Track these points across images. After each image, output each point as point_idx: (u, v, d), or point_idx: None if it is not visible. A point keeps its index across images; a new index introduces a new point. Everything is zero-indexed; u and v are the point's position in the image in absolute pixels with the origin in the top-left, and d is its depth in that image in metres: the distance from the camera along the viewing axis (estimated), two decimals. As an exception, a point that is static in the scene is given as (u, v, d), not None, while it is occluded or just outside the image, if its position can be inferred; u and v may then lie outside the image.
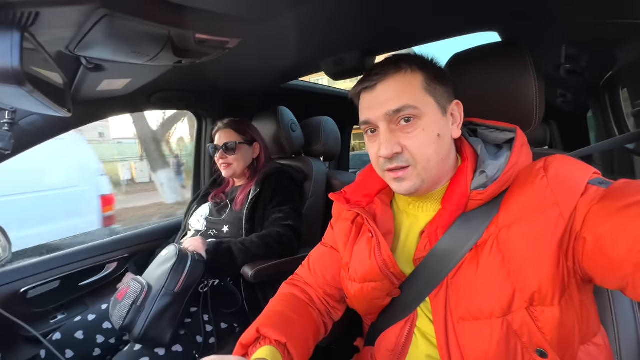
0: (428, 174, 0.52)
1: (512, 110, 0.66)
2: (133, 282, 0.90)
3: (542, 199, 0.45)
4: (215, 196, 1.30)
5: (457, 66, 0.74)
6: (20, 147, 0.97)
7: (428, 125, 0.50)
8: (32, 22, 0.40)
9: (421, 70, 0.52)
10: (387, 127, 0.51)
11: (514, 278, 0.45)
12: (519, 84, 0.66)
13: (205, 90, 1.33)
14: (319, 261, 0.71)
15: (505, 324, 0.46)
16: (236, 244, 1.05)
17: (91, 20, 0.46)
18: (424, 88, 0.51)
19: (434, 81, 0.52)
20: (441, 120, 0.52)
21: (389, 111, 0.50)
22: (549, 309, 0.44)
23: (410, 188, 0.53)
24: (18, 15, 0.36)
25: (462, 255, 0.50)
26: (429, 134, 0.50)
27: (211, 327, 0.98)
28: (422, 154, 0.51)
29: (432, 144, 0.51)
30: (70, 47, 0.55)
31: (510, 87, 0.67)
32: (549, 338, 0.44)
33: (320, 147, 1.48)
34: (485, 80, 0.69)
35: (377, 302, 0.58)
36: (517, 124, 0.66)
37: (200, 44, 0.57)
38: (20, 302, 1.05)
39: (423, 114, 0.50)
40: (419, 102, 0.50)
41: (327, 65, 1.10)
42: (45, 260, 1.14)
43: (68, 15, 0.42)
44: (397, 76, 0.51)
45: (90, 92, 0.90)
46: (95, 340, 0.98)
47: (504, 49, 0.72)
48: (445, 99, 0.54)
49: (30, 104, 0.45)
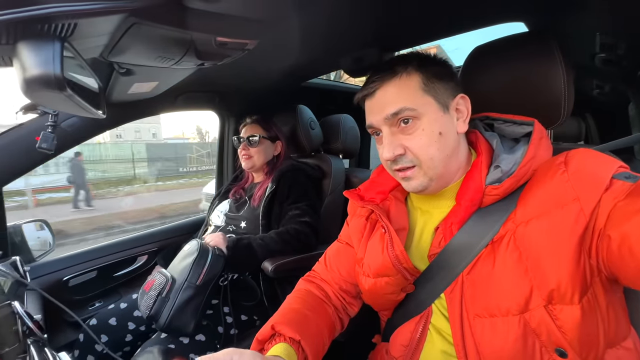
0: (434, 172, 0.53)
1: (539, 104, 0.64)
2: (159, 275, 0.96)
3: (562, 195, 0.44)
4: (235, 192, 1.34)
5: (479, 59, 0.72)
6: (62, 147, 1.05)
7: (428, 125, 0.51)
8: (71, 32, 0.44)
9: (418, 71, 0.53)
10: (389, 130, 0.54)
11: (532, 275, 0.44)
12: (545, 76, 0.63)
13: (227, 91, 1.37)
14: (335, 257, 0.72)
15: (522, 321, 0.45)
16: (255, 240, 1.08)
17: (121, 29, 0.49)
18: (421, 88, 0.52)
19: (433, 79, 0.52)
20: (442, 118, 0.52)
21: (387, 115, 0.52)
22: (568, 307, 0.42)
23: (419, 186, 0.54)
24: (59, 27, 0.40)
25: (478, 251, 0.49)
26: (430, 134, 0.51)
27: (231, 318, 1.02)
28: (425, 153, 0.52)
29: (433, 143, 0.51)
30: (104, 54, 0.59)
31: (537, 80, 0.64)
32: (569, 338, 0.42)
33: (340, 145, 1.49)
34: (510, 73, 0.67)
35: (391, 297, 0.58)
36: (544, 118, 0.63)
37: (221, 46, 0.60)
38: (63, 290, 1.15)
39: (422, 115, 0.51)
40: (416, 103, 0.51)
41: (346, 63, 1.10)
42: (85, 252, 1.23)
43: (102, 25, 0.46)
44: (393, 81, 0.53)
45: (122, 95, 0.96)
46: (127, 327, 1.05)
47: (530, 39, 0.69)
48: (447, 95, 0.53)
49: (69, 107, 0.49)
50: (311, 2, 0.62)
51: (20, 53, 0.36)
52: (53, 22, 0.37)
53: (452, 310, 0.52)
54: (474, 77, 0.71)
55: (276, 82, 1.34)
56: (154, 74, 0.83)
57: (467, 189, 0.53)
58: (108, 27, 0.48)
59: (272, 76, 1.26)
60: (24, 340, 0.55)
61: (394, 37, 0.96)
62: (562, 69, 0.62)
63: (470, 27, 0.99)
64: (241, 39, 0.60)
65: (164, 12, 0.46)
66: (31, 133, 0.94)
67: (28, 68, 0.36)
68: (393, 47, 1.05)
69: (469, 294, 0.50)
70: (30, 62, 0.36)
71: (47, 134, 0.82)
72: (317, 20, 0.74)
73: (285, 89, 1.45)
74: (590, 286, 0.43)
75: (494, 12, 0.88)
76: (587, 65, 1.25)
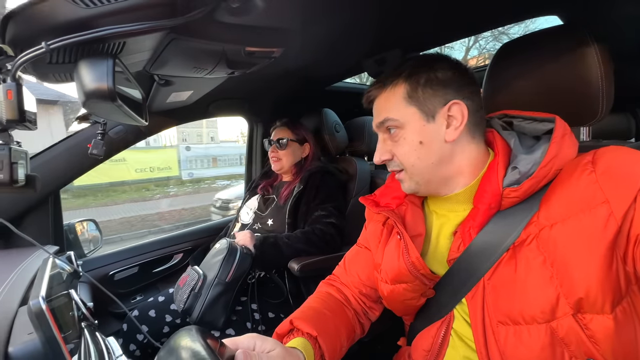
0: (420, 177, 0.55)
1: (573, 100, 0.60)
2: (192, 272, 1.02)
3: (590, 197, 0.41)
4: (264, 187, 1.39)
5: (508, 56, 0.70)
6: (109, 153, 1.16)
7: (409, 135, 0.53)
8: (120, 49, 0.49)
9: (405, 82, 0.53)
10: (382, 136, 0.57)
11: (558, 282, 0.42)
12: (580, 70, 0.60)
13: (255, 97, 1.43)
14: (354, 261, 0.73)
15: (549, 330, 0.43)
16: (282, 239, 1.11)
17: (162, 44, 0.55)
18: (405, 99, 0.53)
19: (420, 88, 0.52)
20: (424, 128, 0.53)
21: (377, 123, 0.57)
22: (599, 317, 0.40)
23: (408, 189, 0.57)
24: (111, 46, 0.45)
25: (499, 255, 0.47)
26: (410, 143, 0.53)
27: (259, 315, 1.06)
28: (406, 161, 0.54)
29: (413, 152, 0.53)
30: (146, 67, 0.65)
31: (570, 74, 0.61)
32: (602, 349, 0.40)
33: (364, 147, 1.49)
34: (541, 69, 0.64)
35: (411, 302, 0.58)
36: (579, 115, 0.60)
37: (249, 55, 0.64)
38: (109, 283, 1.25)
39: (403, 124, 0.53)
40: (399, 114, 0.53)
41: (369, 66, 1.11)
42: (128, 249, 1.34)
43: (146, 42, 0.51)
44: (381, 94, 0.56)
45: (161, 104, 1.05)
46: (165, 319, 1.12)
47: (562, 33, 0.66)
48: (435, 104, 0.52)
49: (117, 115, 0.55)
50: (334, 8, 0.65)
51: (79, 70, 0.42)
52: (106, 42, 0.43)
53: (474, 316, 0.50)
54: (503, 75, 0.69)
55: (302, 87, 1.38)
56: (189, 84, 0.89)
57: (484, 192, 0.51)
58: (151, 43, 0.53)
59: (298, 81, 1.30)
60: (79, 324, 0.61)
61: (417, 37, 0.96)
62: (598, 62, 0.59)
63: (500, 23, 0.96)
64: (268, 47, 0.64)
65: (199, 27, 0.50)
66: (83, 141, 1.05)
67: (86, 83, 0.41)
68: (417, 47, 1.05)
69: (490, 300, 0.48)
70: (87, 77, 0.41)
71: (97, 141, 0.91)
72: (339, 25, 0.76)
73: (310, 93, 1.49)
74: (625, 295, 0.40)
75: (526, 6, 0.85)
76: (635, 55, 1.15)
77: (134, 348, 1.06)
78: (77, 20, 0.39)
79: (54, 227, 1.10)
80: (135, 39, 0.48)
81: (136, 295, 1.33)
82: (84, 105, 0.46)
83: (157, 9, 0.43)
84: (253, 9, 0.49)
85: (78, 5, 0.38)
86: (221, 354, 0.34)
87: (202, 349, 0.29)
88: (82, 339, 0.60)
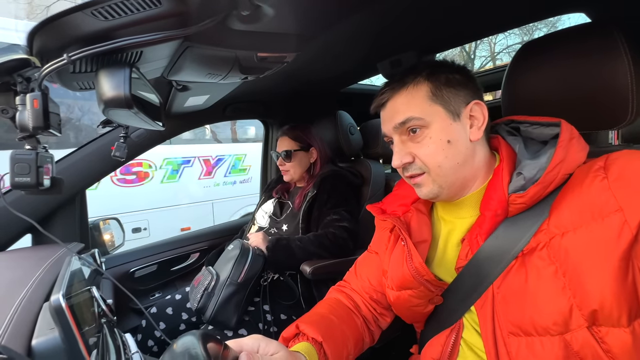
0: (444, 180, 0.53)
1: (600, 102, 0.58)
2: (206, 271, 1.05)
3: (603, 204, 0.40)
4: (280, 191, 1.40)
5: (530, 56, 0.67)
6: (131, 155, 1.21)
7: (435, 133, 0.51)
8: (138, 59, 0.51)
9: (427, 80, 0.53)
10: (399, 138, 0.55)
11: (571, 293, 0.41)
12: (607, 71, 0.57)
13: (271, 100, 1.45)
14: (365, 266, 0.73)
15: (562, 343, 0.41)
16: (294, 241, 1.12)
17: (178, 52, 0.57)
18: (429, 98, 0.52)
19: (443, 87, 0.52)
20: (451, 126, 0.52)
21: (396, 124, 0.54)
22: (615, 330, 0.38)
23: (429, 193, 0.54)
24: (129, 55, 0.47)
25: (507, 262, 0.46)
26: (437, 142, 0.51)
27: (271, 317, 1.07)
28: (432, 161, 0.52)
29: (440, 151, 0.51)
30: (164, 74, 0.68)
31: (597, 76, 0.58)
32: None
33: (379, 150, 1.48)
34: (565, 69, 0.61)
35: (418, 309, 0.57)
36: (607, 118, 0.57)
37: (261, 60, 0.65)
38: (130, 280, 1.31)
39: (429, 123, 0.52)
40: (423, 112, 0.52)
41: (384, 68, 1.10)
42: (148, 247, 1.39)
43: (162, 50, 0.53)
44: (402, 91, 0.54)
45: (179, 108, 1.08)
46: (181, 317, 1.16)
47: (587, 31, 0.63)
48: (459, 103, 0.52)
49: (135, 121, 0.57)
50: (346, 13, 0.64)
51: (99, 79, 0.44)
52: (124, 52, 0.44)
53: (484, 325, 0.49)
54: (523, 77, 0.66)
55: (316, 89, 1.39)
56: (205, 88, 0.92)
57: (490, 199, 0.51)
58: (167, 52, 0.55)
59: (313, 84, 1.30)
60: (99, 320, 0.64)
61: (433, 38, 0.93)
62: (628, 62, 0.55)
63: (521, 22, 0.92)
64: (280, 52, 0.65)
65: (212, 34, 0.52)
66: (107, 144, 1.10)
67: (104, 91, 0.43)
68: (432, 49, 1.03)
69: (501, 310, 0.47)
70: (106, 86, 0.43)
71: (120, 144, 0.96)
72: (353, 29, 0.75)
73: (325, 95, 1.49)
74: None
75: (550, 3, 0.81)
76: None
77: (152, 344, 1.10)
78: (96, 32, 0.41)
79: (79, 225, 1.16)
80: (152, 47, 0.50)
81: (155, 292, 1.38)
82: (103, 112, 0.48)
83: (171, 19, 0.44)
84: (263, 16, 0.49)
85: (97, 18, 0.40)
86: (224, 356, 0.34)
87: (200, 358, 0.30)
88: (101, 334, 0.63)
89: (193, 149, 3.55)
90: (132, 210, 3.08)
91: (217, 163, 3.70)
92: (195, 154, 3.53)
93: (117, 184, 3.03)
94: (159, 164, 3.27)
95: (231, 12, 0.47)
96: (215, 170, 3.69)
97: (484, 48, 10.57)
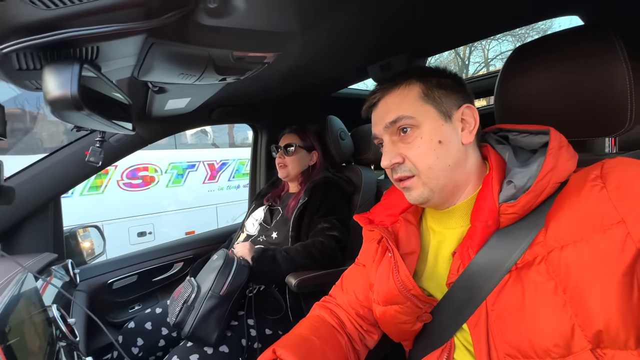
0: (435, 182, 0.51)
1: (597, 109, 0.55)
2: (187, 283, 0.99)
3: (602, 216, 0.38)
4: (270, 198, 1.35)
5: (523, 60, 0.64)
6: (110, 160, 1.15)
7: (426, 133, 0.50)
8: (96, 55, 0.47)
9: (419, 81, 0.52)
10: (390, 138, 0.54)
11: (572, 311, 0.38)
12: (604, 76, 0.54)
13: (259, 104, 1.41)
14: (351, 279, 0.69)
15: None
16: (280, 252, 1.07)
17: (144, 49, 0.52)
18: (421, 98, 0.51)
19: (435, 89, 0.52)
20: (442, 127, 0.51)
21: (387, 124, 0.53)
22: (622, 353, 0.35)
23: (419, 197, 0.52)
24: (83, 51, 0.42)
25: (500, 276, 0.44)
26: (428, 142, 0.50)
27: (255, 332, 1.01)
28: (422, 162, 0.50)
29: (431, 152, 0.50)
30: (134, 74, 0.63)
31: (593, 81, 0.55)
32: None
33: (371, 155, 1.44)
34: (559, 74, 0.58)
35: (405, 327, 0.55)
36: (604, 125, 0.55)
37: (239, 60, 0.60)
38: (107, 292, 1.24)
39: (420, 123, 0.50)
40: (415, 112, 0.51)
41: (374, 71, 1.07)
42: (128, 257, 1.33)
43: (124, 47, 0.49)
44: (393, 91, 0.54)
45: (160, 111, 1.03)
46: (161, 332, 1.09)
47: (584, 34, 0.60)
48: (451, 105, 0.52)
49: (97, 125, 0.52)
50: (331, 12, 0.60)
51: (44, 76, 0.39)
52: (72, 47, 0.39)
53: (478, 346, 0.46)
54: (516, 82, 0.63)
55: (306, 93, 1.35)
56: (185, 90, 0.87)
57: (480, 209, 0.48)
58: (131, 49, 0.50)
59: (302, 88, 1.27)
60: (55, 344, 0.58)
61: (425, 41, 0.90)
62: (626, 67, 0.53)
63: (512, 26, 0.89)
64: (258, 52, 0.60)
65: (178, 30, 0.47)
66: (83, 148, 1.04)
67: (49, 90, 0.38)
68: (424, 52, 1.00)
69: (496, 329, 0.44)
70: (51, 84, 0.38)
71: (95, 148, 0.90)
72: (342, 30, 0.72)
73: (315, 99, 1.45)
74: None
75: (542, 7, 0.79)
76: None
77: (127, 362, 1.03)
78: (38, 23, 0.36)
79: (53, 234, 1.10)
80: (110, 43, 0.45)
81: (134, 304, 1.31)
82: (52, 114, 0.43)
83: (127, 10, 0.40)
84: (234, 11, 0.45)
85: (37, 6, 0.35)
86: None
87: None
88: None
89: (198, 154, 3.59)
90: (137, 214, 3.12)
91: (222, 167, 3.75)
92: (200, 158, 3.57)
93: (124, 188, 3.06)
94: (165, 169, 3.31)
95: (197, 4, 0.43)
96: (220, 175, 3.74)
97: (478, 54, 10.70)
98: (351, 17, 0.66)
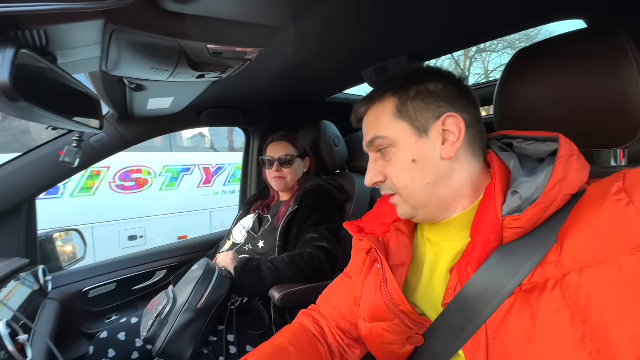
0: (415, 201, 0.48)
1: (605, 118, 0.50)
2: (163, 294, 0.92)
3: (630, 235, 0.33)
4: (259, 208, 1.29)
5: (524, 65, 0.59)
6: (90, 161, 1.10)
7: (400, 153, 0.48)
8: (45, 42, 0.41)
9: (394, 96, 0.49)
10: (373, 156, 0.52)
11: (593, 346, 0.33)
12: (614, 83, 0.50)
13: (251, 107, 1.37)
14: (336, 292, 0.65)
15: None
16: (266, 263, 1.00)
17: (105, 38, 0.47)
18: (394, 114, 0.48)
19: (410, 102, 0.48)
20: (416, 144, 0.47)
21: (367, 143, 0.52)
22: None
23: (404, 214, 0.51)
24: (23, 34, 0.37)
25: (502, 299, 0.40)
26: (402, 162, 0.48)
27: (235, 349, 0.94)
28: (398, 182, 0.49)
29: (405, 172, 0.48)
30: (102, 67, 0.58)
31: (601, 88, 0.50)
32: None
33: (366, 163, 1.37)
34: (564, 80, 0.54)
35: (393, 348, 0.50)
36: (612, 136, 0.51)
37: (216, 55, 0.55)
38: (82, 301, 1.17)
39: (394, 142, 0.48)
40: (388, 130, 0.48)
41: (369, 75, 1.02)
42: (106, 264, 1.26)
43: (80, 33, 0.44)
44: (370, 111, 0.52)
45: (142, 111, 0.98)
46: (135, 344, 1.02)
47: (591, 36, 0.55)
48: (428, 118, 0.47)
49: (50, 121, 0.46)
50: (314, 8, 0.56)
51: (-26, 62, 0.34)
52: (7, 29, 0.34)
53: None
54: (517, 88, 0.59)
55: (300, 97, 1.31)
56: (166, 89, 0.82)
57: (481, 222, 0.44)
58: (89, 36, 0.45)
59: (296, 91, 1.22)
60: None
61: (422, 45, 0.86)
62: (636, 69, 0.48)
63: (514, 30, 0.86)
64: (237, 46, 0.55)
65: (140, 16, 0.42)
66: (60, 148, 0.99)
67: (-23, 77, 0.33)
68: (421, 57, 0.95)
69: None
70: (-22, 70, 0.33)
71: (71, 148, 0.84)
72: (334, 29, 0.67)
73: (309, 104, 1.41)
74: None
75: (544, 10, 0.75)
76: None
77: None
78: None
79: (25, 238, 1.03)
80: (60, 28, 0.40)
81: (112, 314, 1.24)
82: (-11, 106, 0.38)
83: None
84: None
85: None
86: None
87: None
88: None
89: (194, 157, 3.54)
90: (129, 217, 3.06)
91: (217, 172, 3.69)
92: (196, 162, 3.52)
93: (116, 190, 3.00)
94: (159, 172, 3.26)
95: (158, -14, 0.38)
96: (215, 179, 3.69)
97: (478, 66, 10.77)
98: (341, 14, 0.62)
